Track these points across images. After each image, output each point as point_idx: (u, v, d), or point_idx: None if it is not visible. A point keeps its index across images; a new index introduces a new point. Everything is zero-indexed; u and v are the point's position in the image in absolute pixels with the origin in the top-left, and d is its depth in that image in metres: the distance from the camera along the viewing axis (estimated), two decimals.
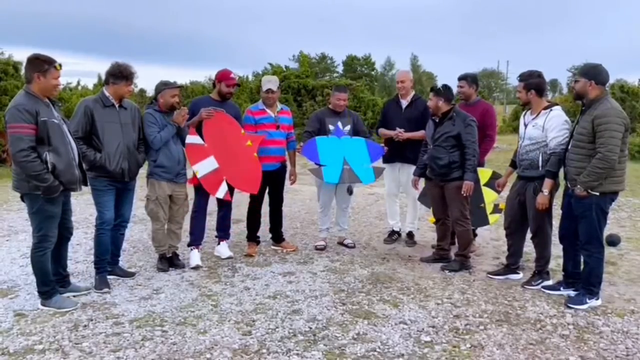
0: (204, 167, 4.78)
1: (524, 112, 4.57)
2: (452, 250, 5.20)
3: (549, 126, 4.21)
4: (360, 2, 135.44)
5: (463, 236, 4.92)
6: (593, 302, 4.00)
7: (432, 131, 4.95)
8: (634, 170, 10.87)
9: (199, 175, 4.78)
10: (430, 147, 4.95)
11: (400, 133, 5.46)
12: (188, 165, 4.79)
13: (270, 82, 5.30)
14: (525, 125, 4.41)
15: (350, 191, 5.58)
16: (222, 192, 4.88)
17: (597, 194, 3.86)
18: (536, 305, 4.04)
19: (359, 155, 5.38)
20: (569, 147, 4.04)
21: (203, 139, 4.79)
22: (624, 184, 3.93)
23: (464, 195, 4.75)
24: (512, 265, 4.69)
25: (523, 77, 4.37)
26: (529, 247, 4.79)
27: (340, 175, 5.28)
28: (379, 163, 5.58)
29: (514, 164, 4.67)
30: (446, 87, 4.91)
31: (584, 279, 4.08)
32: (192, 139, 4.75)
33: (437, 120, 4.92)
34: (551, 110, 4.28)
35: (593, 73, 3.93)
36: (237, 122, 4.99)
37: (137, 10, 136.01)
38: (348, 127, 5.46)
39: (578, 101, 4.10)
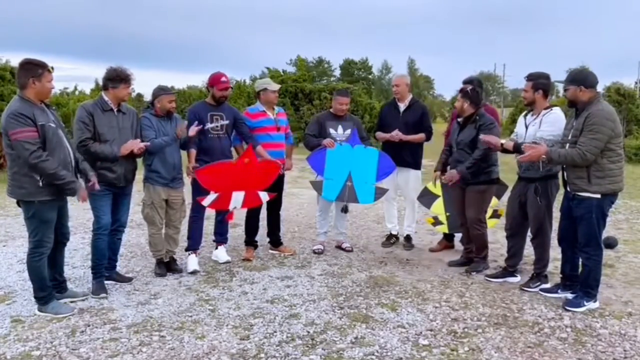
0: (236, 202, 4.92)
1: (524, 113, 4.58)
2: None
3: (544, 121, 4.26)
4: (358, 5, 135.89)
5: (478, 239, 4.93)
6: (591, 305, 4.01)
7: (456, 134, 4.92)
8: (631, 173, 10.90)
9: (238, 209, 5.03)
10: (455, 151, 4.93)
11: (397, 134, 5.46)
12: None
13: (272, 82, 5.48)
14: (527, 127, 4.42)
15: (344, 210, 5.58)
16: (264, 197, 5.07)
17: (599, 196, 3.87)
18: (534, 308, 4.05)
19: (366, 170, 5.28)
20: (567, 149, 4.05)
21: (212, 189, 4.77)
22: (622, 183, 3.95)
23: (450, 183, 4.80)
24: (510, 267, 4.69)
25: (532, 77, 4.37)
26: (527, 250, 4.79)
27: (339, 194, 5.29)
28: (383, 183, 5.49)
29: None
30: (474, 91, 4.82)
31: (582, 282, 4.09)
32: (207, 200, 4.79)
33: (460, 123, 4.90)
34: (551, 110, 4.31)
35: (580, 78, 3.97)
36: (221, 161, 4.84)
37: (134, 15, 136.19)
38: (349, 131, 5.47)
39: (572, 107, 4.10)
